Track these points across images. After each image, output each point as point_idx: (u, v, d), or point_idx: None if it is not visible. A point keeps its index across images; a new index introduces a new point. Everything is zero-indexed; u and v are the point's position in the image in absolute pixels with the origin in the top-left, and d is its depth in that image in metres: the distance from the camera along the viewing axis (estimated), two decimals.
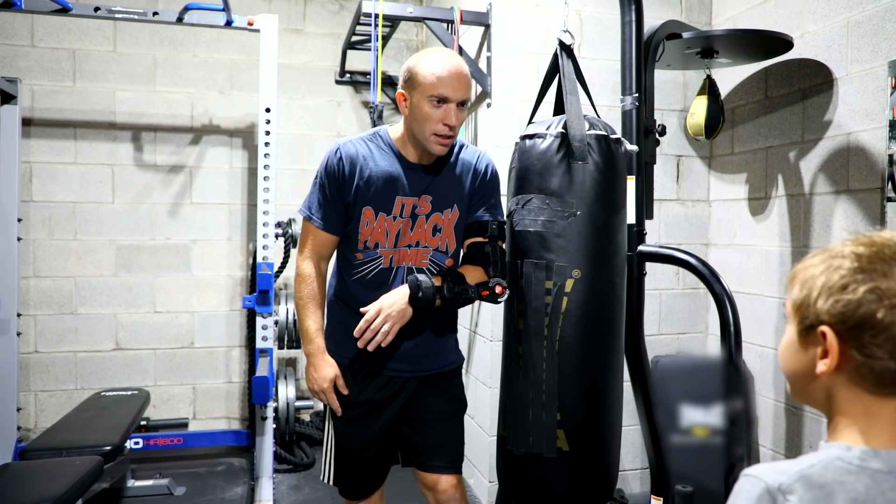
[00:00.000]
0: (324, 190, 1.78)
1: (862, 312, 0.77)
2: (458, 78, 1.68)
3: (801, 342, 0.84)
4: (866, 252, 0.80)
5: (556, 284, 1.71)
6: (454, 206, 1.82)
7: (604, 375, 1.79)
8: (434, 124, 1.69)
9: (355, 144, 1.78)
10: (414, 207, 1.78)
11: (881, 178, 2.34)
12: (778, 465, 0.80)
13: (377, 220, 1.76)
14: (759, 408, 2.87)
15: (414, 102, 1.71)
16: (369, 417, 1.84)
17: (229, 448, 3.82)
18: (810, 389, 0.84)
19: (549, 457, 1.72)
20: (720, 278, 1.93)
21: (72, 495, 2.18)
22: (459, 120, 1.71)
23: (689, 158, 3.23)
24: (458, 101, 1.69)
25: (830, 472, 0.78)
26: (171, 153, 3.86)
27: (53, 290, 3.71)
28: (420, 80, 1.69)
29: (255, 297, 3.18)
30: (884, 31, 2.33)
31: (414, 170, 1.78)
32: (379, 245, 1.78)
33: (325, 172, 1.78)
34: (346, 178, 1.75)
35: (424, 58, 1.72)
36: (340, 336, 1.83)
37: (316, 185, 1.80)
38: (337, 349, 1.83)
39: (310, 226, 1.81)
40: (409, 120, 1.75)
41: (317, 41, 4.09)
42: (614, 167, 1.77)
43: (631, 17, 2.09)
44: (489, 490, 2.97)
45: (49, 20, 3.65)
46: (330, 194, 1.77)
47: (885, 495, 0.76)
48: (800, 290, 0.85)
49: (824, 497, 0.76)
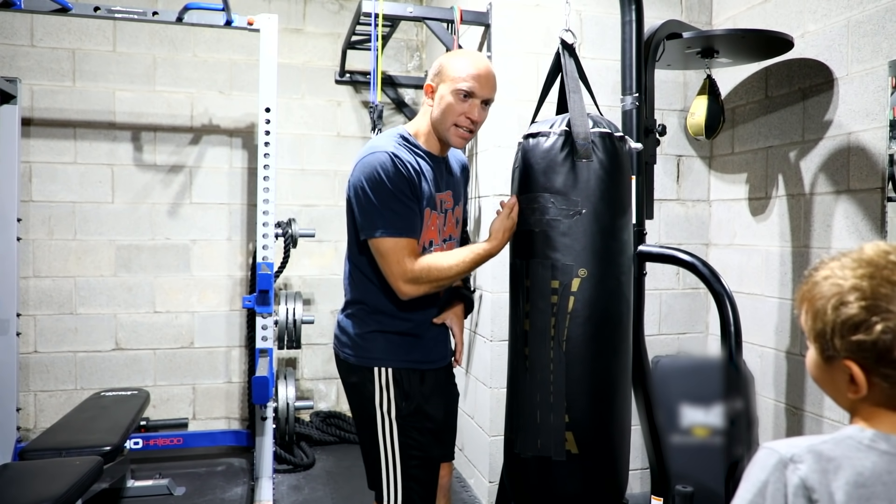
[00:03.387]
0: (397, 200, 1.67)
1: (879, 349, 0.83)
2: (486, 77, 1.73)
3: (827, 366, 0.89)
4: (868, 284, 0.84)
5: (562, 284, 1.70)
6: (461, 199, 1.92)
7: (612, 376, 1.77)
8: (456, 116, 1.72)
9: (398, 149, 1.71)
10: (442, 202, 1.82)
11: (882, 177, 2.34)
12: (792, 440, 0.87)
13: (431, 218, 1.78)
14: (760, 408, 2.87)
15: (441, 94, 1.74)
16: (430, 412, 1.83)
17: (229, 448, 3.81)
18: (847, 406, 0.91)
19: (557, 460, 1.70)
20: (720, 278, 1.92)
21: (71, 495, 2.18)
22: (482, 117, 1.76)
23: (689, 158, 3.23)
24: (484, 98, 1.74)
25: (840, 448, 0.84)
26: (171, 153, 3.86)
27: (53, 290, 3.70)
28: (449, 73, 1.73)
29: (254, 297, 3.18)
30: (884, 31, 2.33)
31: (438, 164, 1.82)
32: (433, 243, 1.80)
33: (390, 182, 1.66)
34: (414, 181, 1.70)
35: (456, 54, 1.80)
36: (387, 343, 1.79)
37: (384, 199, 1.66)
38: (387, 356, 1.78)
39: (395, 242, 1.67)
40: (432, 112, 1.77)
41: (317, 41, 4.09)
42: (619, 165, 1.76)
43: (631, 17, 2.09)
44: (489, 490, 2.97)
45: (49, 20, 3.65)
46: (406, 201, 1.68)
47: (891, 474, 0.82)
48: (814, 321, 0.89)
49: (833, 469, 0.82)
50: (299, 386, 4.02)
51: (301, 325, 3.51)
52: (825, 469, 0.82)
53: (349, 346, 1.83)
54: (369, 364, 1.78)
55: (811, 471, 0.83)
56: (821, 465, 0.83)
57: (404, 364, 1.79)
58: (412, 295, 1.71)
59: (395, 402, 1.77)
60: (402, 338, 1.80)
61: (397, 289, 1.70)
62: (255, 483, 3.26)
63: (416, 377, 1.81)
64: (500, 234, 1.75)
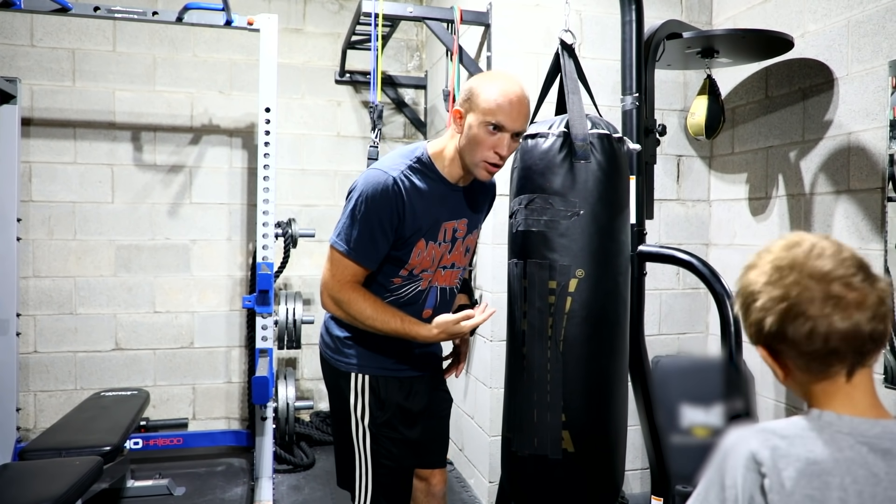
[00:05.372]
0: (369, 224, 1.64)
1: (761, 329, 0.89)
2: (518, 107, 1.61)
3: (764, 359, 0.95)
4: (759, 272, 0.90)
5: (559, 284, 1.70)
6: (478, 226, 1.86)
7: (609, 376, 1.78)
8: (485, 151, 1.62)
9: (404, 177, 1.65)
10: (454, 231, 1.75)
11: (882, 177, 2.33)
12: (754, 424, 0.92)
13: (427, 248, 1.72)
14: (760, 408, 2.87)
15: (469, 123, 1.63)
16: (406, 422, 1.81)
17: (229, 448, 3.81)
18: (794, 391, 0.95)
19: (554, 458, 1.71)
20: (721, 278, 1.92)
21: (71, 496, 2.17)
22: (511, 150, 1.65)
23: (689, 158, 3.23)
24: (515, 131, 1.62)
25: (794, 429, 0.88)
26: (171, 153, 3.86)
27: (53, 290, 3.70)
28: (479, 103, 1.61)
29: (254, 297, 3.18)
30: (884, 31, 2.33)
31: (455, 191, 1.74)
32: (425, 270, 1.74)
33: (373, 208, 1.63)
34: (401, 216, 1.64)
35: (488, 80, 1.66)
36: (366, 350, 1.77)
37: (357, 218, 1.64)
38: (365, 362, 1.77)
39: (346, 259, 1.68)
40: (460, 139, 1.67)
41: (316, 41, 4.09)
42: (617, 166, 1.76)
43: (631, 17, 2.09)
44: (489, 490, 2.97)
45: (48, 20, 3.65)
46: (378, 230, 1.64)
47: (842, 451, 0.85)
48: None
49: (784, 446, 0.86)
50: (299, 386, 4.02)
51: (301, 325, 3.51)
52: (776, 445, 0.85)
53: (331, 348, 1.82)
54: (346, 369, 1.77)
55: (761, 446, 0.86)
56: (771, 442, 0.86)
57: (382, 371, 1.76)
58: (327, 309, 1.76)
59: (370, 410, 1.75)
60: (383, 344, 1.75)
61: (321, 293, 1.73)
62: (255, 483, 3.26)
63: (395, 384, 1.78)
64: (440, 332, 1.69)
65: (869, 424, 0.87)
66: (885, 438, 0.86)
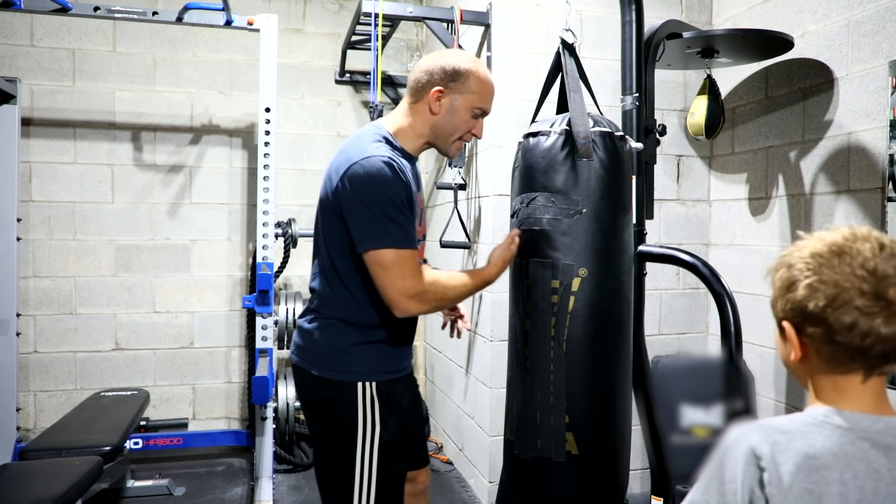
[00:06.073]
0: (398, 210, 1.56)
1: (802, 305, 0.88)
2: (494, 93, 1.73)
3: (780, 337, 0.94)
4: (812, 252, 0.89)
5: (562, 283, 1.69)
6: None
7: (613, 376, 1.76)
8: (463, 132, 1.70)
9: (393, 158, 1.60)
10: (421, 202, 1.76)
11: (882, 177, 2.33)
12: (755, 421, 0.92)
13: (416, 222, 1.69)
14: (760, 408, 2.87)
15: (454, 105, 1.65)
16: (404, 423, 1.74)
17: (229, 448, 3.81)
18: (799, 376, 0.95)
19: (557, 461, 1.69)
20: (721, 278, 1.92)
21: (71, 496, 2.17)
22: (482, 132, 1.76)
23: (689, 158, 3.23)
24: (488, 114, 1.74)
25: (794, 424, 0.88)
26: (171, 153, 3.86)
27: (53, 290, 3.70)
28: (471, 87, 1.65)
29: (254, 297, 3.18)
30: (884, 31, 2.33)
31: (415, 165, 1.75)
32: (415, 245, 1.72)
33: (391, 192, 1.55)
34: (410, 188, 1.62)
35: (474, 64, 1.67)
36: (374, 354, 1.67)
37: (383, 211, 1.54)
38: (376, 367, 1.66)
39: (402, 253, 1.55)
40: (433, 117, 1.66)
41: (316, 41, 4.09)
42: (619, 164, 1.76)
43: (631, 17, 2.09)
44: (489, 490, 2.97)
45: (48, 20, 3.65)
46: (406, 211, 1.58)
47: (842, 446, 0.85)
48: (770, 288, 0.96)
49: (784, 441, 0.86)
50: None
51: None
52: (776, 441, 0.86)
53: (328, 360, 1.64)
54: (351, 379, 1.62)
55: (762, 441, 0.86)
56: (772, 437, 0.86)
57: (387, 375, 1.67)
58: (412, 312, 1.58)
59: (381, 419, 1.62)
60: (393, 342, 1.68)
61: (397, 304, 1.55)
62: (255, 483, 3.26)
63: (398, 386, 1.71)
64: (499, 263, 1.73)
65: (871, 420, 0.87)
66: (887, 434, 0.86)
